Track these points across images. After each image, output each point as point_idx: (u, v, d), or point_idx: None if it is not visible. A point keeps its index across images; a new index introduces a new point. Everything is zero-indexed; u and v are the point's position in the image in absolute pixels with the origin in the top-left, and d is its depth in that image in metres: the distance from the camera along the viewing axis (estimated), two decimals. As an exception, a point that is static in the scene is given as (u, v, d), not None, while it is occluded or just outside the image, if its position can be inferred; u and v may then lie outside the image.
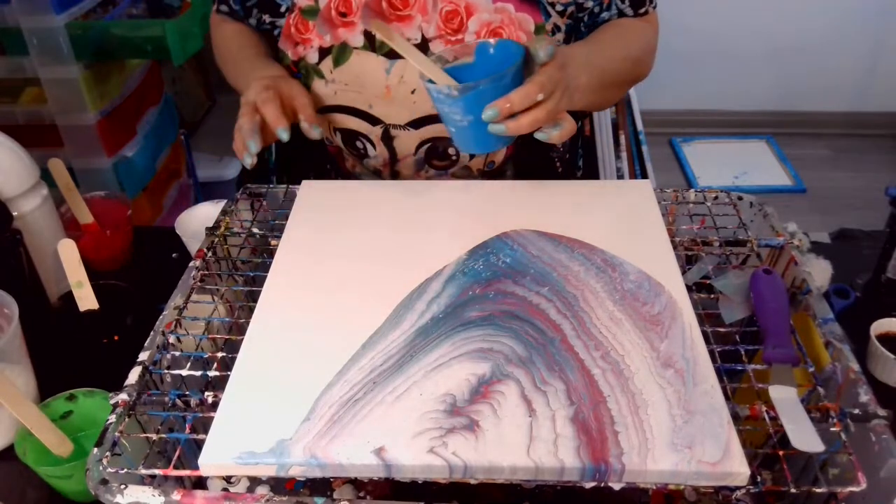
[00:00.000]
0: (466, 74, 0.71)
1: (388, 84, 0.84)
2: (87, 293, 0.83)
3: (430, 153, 0.90)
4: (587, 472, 0.51)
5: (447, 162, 0.91)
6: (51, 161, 0.99)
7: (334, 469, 0.53)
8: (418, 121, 0.87)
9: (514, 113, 0.67)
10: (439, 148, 0.89)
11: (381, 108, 0.87)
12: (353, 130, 0.90)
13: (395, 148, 0.90)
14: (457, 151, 0.89)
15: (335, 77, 0.86)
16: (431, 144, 0.89)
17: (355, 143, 0.91)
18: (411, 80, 0.84)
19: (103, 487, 0.53)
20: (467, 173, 0.92)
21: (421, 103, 0.85)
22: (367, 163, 0.93)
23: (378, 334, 0.62)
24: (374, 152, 0.91)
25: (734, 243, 0.77)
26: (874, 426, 0.56)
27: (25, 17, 1.50)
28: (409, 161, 0.91)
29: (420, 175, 0.93)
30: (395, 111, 0.86)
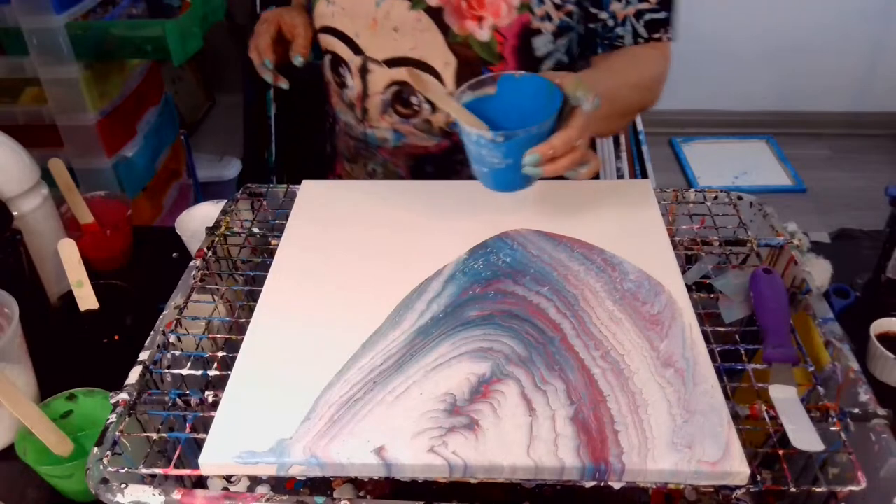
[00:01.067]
0: (490, 107, 0.71)
1: (375, 17, 0.88)
2: (88, 293, 0.83)
3: (396, 97, 0.92)
4: (587, 471, 0.51)
5: (409, 111, 0.93)
6: (51, 161, 0.99)
7: (334, 468, 0.53)
8: (394, 60, 0.90)
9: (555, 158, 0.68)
10: (404, 94, 0.91)
11: (365, 39, 0.90)
12: (338, 56, 0.94)
13: (368, 82, 0.92)
14: (419, 103, 0.91)
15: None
16: (399, 88, 0.91)
17: (338, 70, 0.95)
18: (395, 18, 0.87)
19: (104, 487, 0.53)
20: (428, 127, 0.94)
21: (400, 43, 0.88)
22: (345, 93, 0.96)
23: (378, 334, 0.62)
24: (352, 83, 0.94)
25: (734, 243, 0.77)
26: (874, 426, 0.56)
27: (25, 17, 1.50)
28: (377, 100, 0.93)
29: (384, 119, 0.95)
30: (377, 45, 0.90)
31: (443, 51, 0.87)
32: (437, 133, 0.94)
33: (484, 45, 0.86)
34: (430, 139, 0.95)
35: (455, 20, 0.85)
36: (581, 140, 0.67)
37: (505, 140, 0.65)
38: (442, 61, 0.88)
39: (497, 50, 0.86)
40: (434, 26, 0.86)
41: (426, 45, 0.87)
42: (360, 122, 0.97)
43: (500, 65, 0.87)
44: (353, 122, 0.98)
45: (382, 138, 0.96)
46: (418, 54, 0.88)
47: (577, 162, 0.68)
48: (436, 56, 0.88)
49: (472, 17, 0.85)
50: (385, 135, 0.96)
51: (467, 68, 0.87)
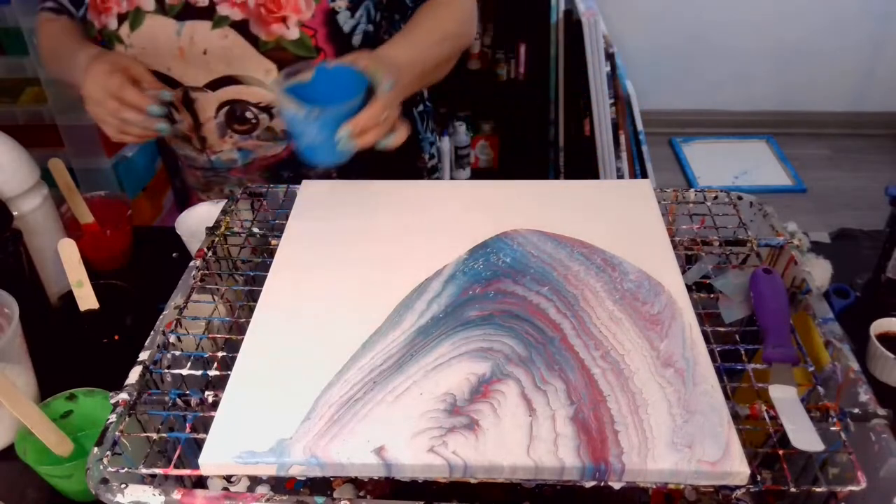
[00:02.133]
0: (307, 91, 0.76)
1: (180, 45, 0.87)
2: (88, 293, 0.83)
3: (230, 116, 0.91)
4: (587, 471, 0.51)
5: (248, 126, 0.92)
6: (51, 161, 0.99)
7: (334, 468, 0.53)
8: (215, 82, 0.89)
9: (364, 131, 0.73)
10: (237, 111, 0.91)
11: (178, 70, 0.89)
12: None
13: (196, 111, 0.92)
14: (255, 115, 0.91)
15: (132, 41, 0.88)
16: (230, 107, 0.91)
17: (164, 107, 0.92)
18: (201, 42, 0.86)
19: (104, 487, 0.53)
20: (271, 135, 0.94)
21: (214, 65, 0.88)
22: (176, 129, 0.95)
23: (378, 334, 0.62)
24: (180, 117, 0.93)
25: (734, 243, 0.77)
26: (874, 426, 0.56)
27: (26, 17, 1.50)
28: (212, 125, 0.92)
29: (225, 141, 0.94)
30: (192, 73, 0.89)
31: (258, 60, 0.87)
32: (283, 137, 0.94)
33: (296, 42, 0.86)
34: (278, 145, 0.95)
35: (261, 28, 0.85)
36: (386, 113, 0.74)
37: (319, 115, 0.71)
38: (262, 70, 0.88)
39: (311, 44, 0.86)
40: (242, 39, 0.86)
41: (240, 61, 0.87)
42: (201, 151, 0.96)
43: (320, 55, 0.88)
44: (193, 153, 0.97)
45: (229, 160, 0.96)
46: (235, 71, 0.88)
47: (383, 133, 0.74)
48: (253, 67, 0.88)
49: (276, 20, 0.85)
50: (231, 156, 0.95)
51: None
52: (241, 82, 0.89)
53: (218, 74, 0.88)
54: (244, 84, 0.89)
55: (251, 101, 0.90)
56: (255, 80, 0.89)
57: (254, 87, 0.89)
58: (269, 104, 0.90)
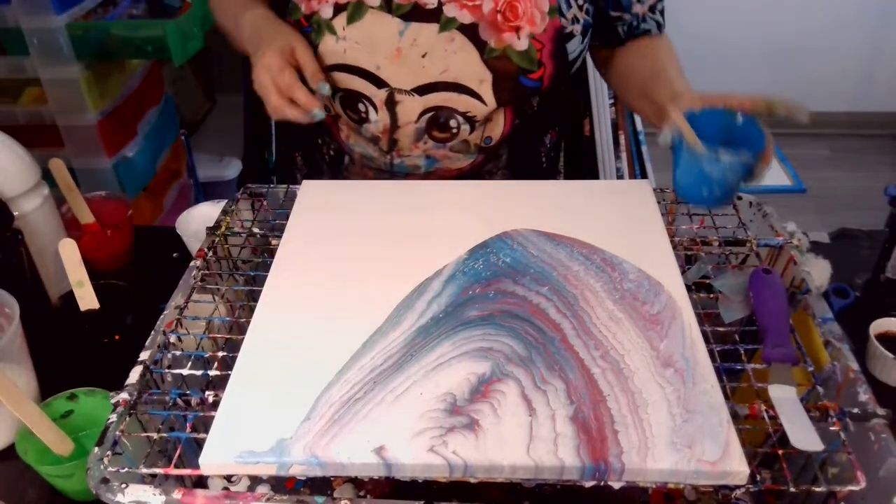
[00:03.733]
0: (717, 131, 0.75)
1: (399, 46, 0.83)
2: (88, 293, 0.83)
3: (432, 123, 0.88)
4: (587, 471, 0.51)
5: (447, 134, 0.89)
6: (51, 161, 0.99)
7: (334, 468, 0.53)
8: (424, 87, 0.86)
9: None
10: (441, 118, 0.88)
11: (388, 71, 0.85)
12: (356, 92, 0.88)
13: (398, 113, 0.88)
14: (458, 125, 0.88)
15: (347, 34, 0.84)
16: (434, 113, 0.87)
17: (356, 106, 0.89)
18: (423, 44, 0.83)
19: (104, 486, 0.53)
20: (465, 147, 0.91)
21: (429, 69, 0.84)
22: (365, 128, 0.91)
23: (378, 333, 0.62)
24: (376, 117, 0.89)
25: (733, 243, 0.77)
26: (873, 425, 0.56)
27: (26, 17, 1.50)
28: (410, 129, 0.89)
29: (417, 146, 0.91)
30: (403, 75, 0.85)
31: (477, 68, 0.84)
32: (474, 151, 0.92)
33: (522, 54, 0.83)
34: (466, 159, 0.92)
35: (492, 34, 0.83)
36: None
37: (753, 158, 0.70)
38: (477, 79, 0.85)
39: (536, 57, 0.84)
40: (469, 44, 0.83)
41: (459, 66, 0.84)
42: (386, 153, 0.92)
43: (540, 70, 0.85)
44: (375, 154, 0.93)
45: (413, 165, 0.93)
46: (450, 77, 0.85)
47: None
48: (469, 75, 0.85)
49: (509, 29, 0.82)
50: (416, 162, 0.92)
51: (503, 81, 0.85)
52: (452, 90, 0.87)
53: (429, 79, 0.85)
54: (455, 92, 0.86)
55: (458, 110, 0.87)
56: (467, 89, 0.86)
57: (464, 96, 0.86)
58: (475, 115, 0.87)
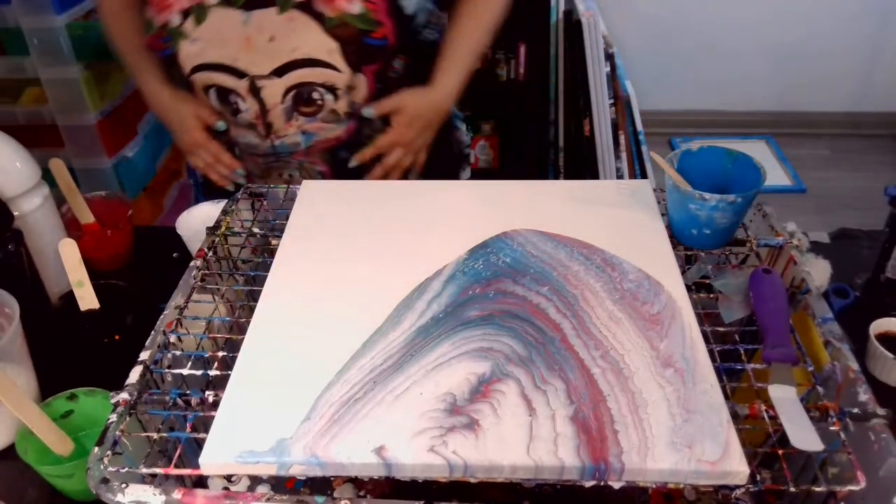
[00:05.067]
0: (706, 173, 0.78)
1: (247, 35, 0.88)
2: (88, 293, 0.83)
3: (297, 100, 0.93)
4: (587, 471, 0.51)
5: (314, 108, 0.94)
6: (51, 161, 0.99)
7: (334, 468, 0.53)
8: (281, 68, 0.90)
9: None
10: (304, 94, 0.92)
11: (244, 60, 0.90)
12: (223, 87, 0.93)
13: (264, 98, 0.93)
14: (321, 97, 0.93)
15: (198, 35, 0.89)
16: (297, 91, 0.92)
17: (228, 100, 0.94)
18: (268, 28, 0.88)
19: (104, 486, 0.53)
20: (334, 117, 0.96)
21: (280, 50, 0.89)
22: (241, 118, 0.96)
23: (378, 333, 0.62)
24: (245, 105, 0.94)
25: (733, 243, 0.77)
26: (873, 425, 0.56)
27: (26, 17, 1.50)
28: (279, 110, 0.94)
29: (290, 125, 0.95)
30: (259, 60, 0.90)
31: (323, 39, 0.89)
32: (344, 118, 0.96)
33: (359, 17, 0.88)
34: (340, 126, 0.97)
35: (326, 5, 0.87)
36: None
37: (742, 200, 0.71)
38: (325, 50, 0.89)
39: (373, 17, 0.88)
40: (309, 19, 0.87)
41: (306, 41, 0.89)
42: (265, 137, 0.97)
43: (381, 29, 0.90)
44: (256, 140, 0.98)
45: (293, 143, 0.97)
46: (302, 53, 0.89)
47: None
48: (318, 47, 0.89)
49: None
50: (294, 139, 0.97)
51: (350, 46, 0.89)
52: (306, 65, 0.90)
53: (284, 60, 0.90)
54: (309, 67, 0.90)
55: (317, 83, 0.92)
56: (319, 62, 0.90)
57: (318, 69, 0.91)
58: (334, 85, 0.92)
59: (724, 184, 0.77)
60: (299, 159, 0.99)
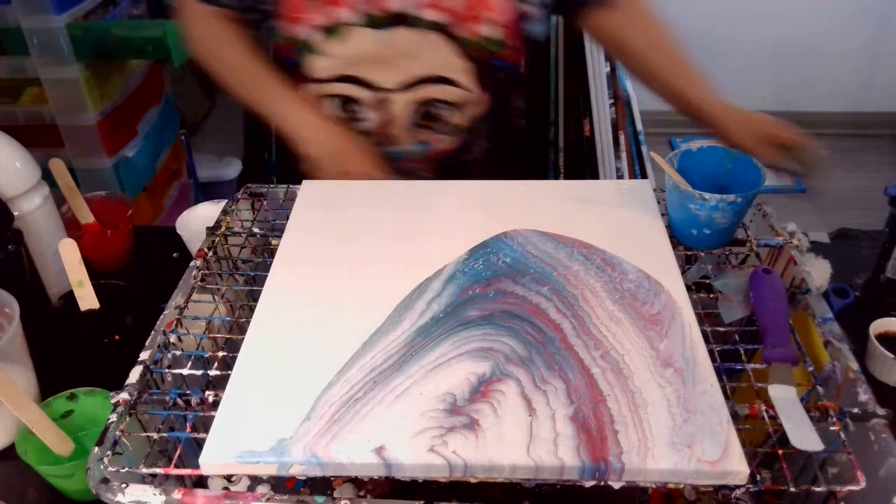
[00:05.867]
0: (706, 173, 0.78)
1: (381, 53, 0.88)
2: (88, 293, 0.83)
3: (421, 115, 0.93)
4: (587, 470, 0.51)
5: (438, 123, 0.95)
6: (51, 161, 0.99)
7: (334, 468, 0.53)
8: (411, 83, 0.91)
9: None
10: (429, 109, 0.93)
11: (374, 74, 0.90)
12: (347, 96, 0.93)
13: (389, 111, 0.93)
14: (445, 113, 0.93)
15: (334, 52, 0.89)
16: (422, 106, 0.93)
17: (348, 108, 0.94)
18: (404, 48, 0.88)
19: (104, 486, 0.53)
20: (452, 130, 0.96)
21: (413, 66, 0.89)
22: (358, 125, 0.95)
23: (378, 333, 0.62)
24: (367, 117, 0.94)
25: (733, 243, 0.77)
26: (873, 425, 0.56)
27: (26, 17, 1.50)
28: (402, 123, 0.94)
29: (410, 136, 0.96)
30: (390, 76, 0.90)
31: (456, 60, 0.89)
32: (462, 132, 0.97)
33: (493, 41, 0.89)
34: (455, 138, 0.97)
35: (464, 28, 0.88)
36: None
37: (742, 200, 0.71)
38: (457, 69, 0.90)
39: (507, 42, 0.89)
40: (446, 40, 0.88)
41: (439, 61, 0.89)
42: (381, 145, 0.96)
43: (507, 51, 0.90)
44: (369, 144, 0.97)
45: (406, 151, 0.98)
46: (433, 71, 0.90)
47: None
48: (448, 67, 0.90)
49: (479, 21, 0.87)
50: (410, 148, 0.97)
51: (480, 68, 0.90)
52: (435, 82, 0.91)
53: (414, 76, 0.90)
54: (439, 84, 0.91)
55: (444, 100, 0.92)
56: (449, 80, 0.91)
57: (448, 86, 0.91)
58: (460, 102, 0.93)
59: (724, 184, 0.77)
60: (408, 165, 0.99)
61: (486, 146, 1.01)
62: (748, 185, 0.73)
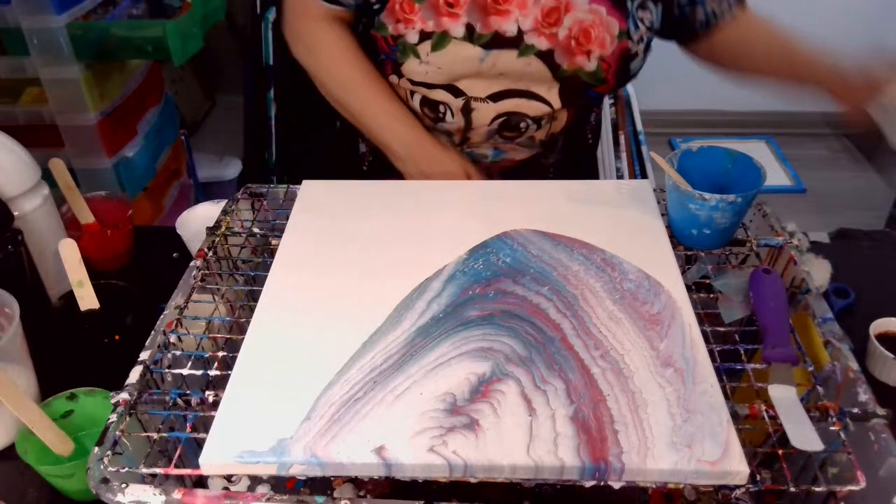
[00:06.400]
0: (706, 173, 0.78)
1: (479, 69, 0.89)
2: (88, 293, 0.83)
3: (503, 125, 0.95)
4: (587, 470, 0.51)
5: (516, 133, 0.96)
6: (51, 161, 0.99)
7: (334, 468, 0.53)
8: (498, 94, 0.92)
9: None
10: (512, 121, 0.94)
11: (466, 84, 0.92)
12: (434, 100, 0.94)
13: (472, 118, 0.94)
14: (527, 126, 0.94)
15: (430, 59, 0.89)
16: (507, 117, 0.94)
17: (435, 108, 0.95)
18: (502, 67, 0.89)
19: (104, 486, 0.53)
20: (530, 142, 0.98)
21: (504, 79, 0.91)
22: (441, 126, 0.97)
23: (378, 333, 0.62)
24: (452, 120, 0.95)
25: (733, 243, 0.77)
26: (873, 425, 0.56)
27: (26, 17, 1.50)
28: (483, 130, 0.96)
29: (488, 143, 0.97)
30: (480, 87, 0.91)
31: (548, 81, 0.91)
32: (538, 145, 0.98)
33: (591, 73, 0.90)
34: (531, 150, 0.99)
35: (565, 58, 0.88)
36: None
37: (742, 200, 0.71)
38: (546, 87, 0.91)
39: (602, 76, 0.90)
40: (543, 66, 0.89)
41: (532, 81, 0.90)
42: (458, 146, 0.99)
43: (602, 86, 0.91)
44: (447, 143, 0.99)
45: (481, 154, 0.99)
46: (522, 85, 0.91)
47: None
48: (540, 85, 0.91)
49: (581, 53, 0.88)
50: (485, 152, 0.99)
51: (570, 90, 0.91)
52: (522, 96, 0.92)
53: (504, 88, 0.91)
54: (525, 98, 0.92)
55: (528, 114, 0.93)
56: (536, 95, 0.92)
57: (534, 101, 0.92)
58: (543, 116, 0.94)
59: (724, 184, 0.77)
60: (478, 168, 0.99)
61: (556, 159, 1.03)
62: (748, 185, 0.73)
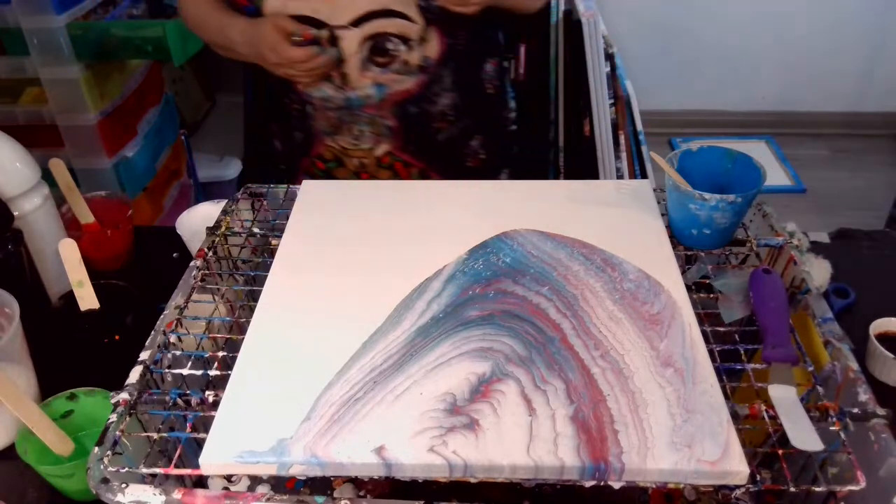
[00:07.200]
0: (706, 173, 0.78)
1: None
2: (88, 293, 0.83)
3: (372, 50, 0.95)
4: (587, 470, 0.51)
5: (388, 58, 0.96)
6: (51, 161, 0.99)
7: (334, 468, 0.53)
8: (359, 18, 0.93)
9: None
10: (379, 43, 0.95)
11: (325, 11, 0.93)
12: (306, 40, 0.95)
13: (341, 49, 0.95)
14: (395, 46, 0.95)
15: None
16: (373, 41, 0.94)
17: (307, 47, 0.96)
18: None
19: (104, 486, 0.53)
20: (406, 68, 0.98)
21: (359, 1, 0.92)
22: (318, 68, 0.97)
23: (378, 333, 0.62)
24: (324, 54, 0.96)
25: (733, 243, 0.77)
26: (873, 425, 0.56)
27: (26, 17, 1.50)
28: (355, 61, 0.96)
29: (364, 76, 0.98)
30: (339, 12, 0.93)
31: None
32: (416, 70, 0.98)
33: None
34: (410, 78, 0.99)
35: None
36: None
37: (742, 200, 0.71)
38: (403, 3, 0.92)
39: None
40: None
41: None
42: (341, 88, 0.99)
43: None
44: (331, 93, 1.00)
45: (366, 96, 1.00)
46: (378, 5, 0.92)
47: None
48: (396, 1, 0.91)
49: None
50: (368, 91, 0.99)
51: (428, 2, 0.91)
52: (382, 16, 0.93)
53: (362, 10, 0.93)
54: (385, 17, 0.93)
55: (392, 33, 0.95)
56: (395, 12, 0.93)
57: (395, 19, 0.93)
58: (407, 35, 0.95)
59: (724, 184, 0.77)
60: (370, 112, 1.01)
61: (450, 100, 1.02)
62: (748, 185, 0.73)
